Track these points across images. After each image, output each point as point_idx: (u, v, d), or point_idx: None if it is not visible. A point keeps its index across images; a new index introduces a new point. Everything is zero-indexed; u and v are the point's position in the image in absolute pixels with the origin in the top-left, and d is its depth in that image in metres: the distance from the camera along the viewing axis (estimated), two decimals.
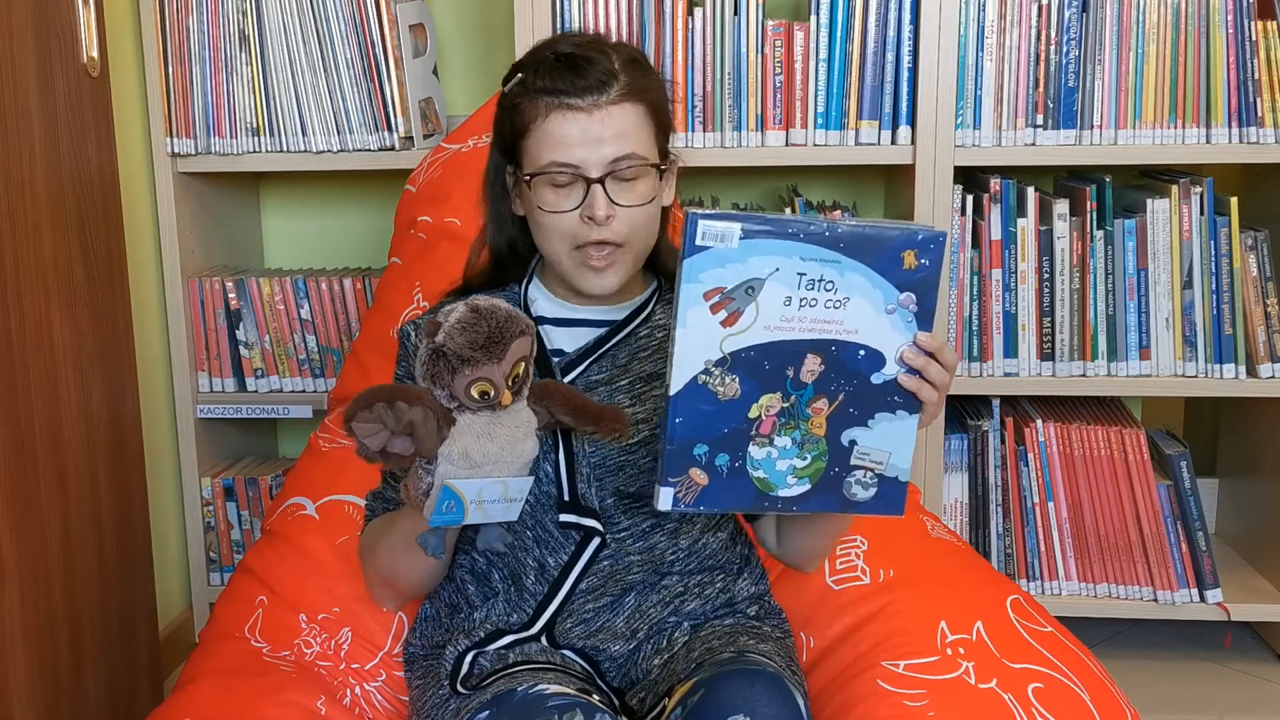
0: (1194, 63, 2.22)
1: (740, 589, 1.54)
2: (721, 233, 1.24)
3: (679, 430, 1.28)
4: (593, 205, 1.41)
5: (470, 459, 1.31)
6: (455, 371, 1.29)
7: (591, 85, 1.40)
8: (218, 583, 2.55)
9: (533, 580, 1.47)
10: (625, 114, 1.42)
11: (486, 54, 2.63)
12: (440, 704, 1.45)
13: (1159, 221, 2.26)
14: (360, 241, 2.70)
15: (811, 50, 2.25)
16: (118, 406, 1.97)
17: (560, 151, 1.41)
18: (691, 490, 1.30)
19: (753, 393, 1.28)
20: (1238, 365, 2.28)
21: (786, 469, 1.31)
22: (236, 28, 2.35)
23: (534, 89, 1.42)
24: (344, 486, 1.87)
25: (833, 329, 1.27)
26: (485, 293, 1.54)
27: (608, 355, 1.50)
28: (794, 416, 1.29)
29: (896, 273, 1.26)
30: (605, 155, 1.41)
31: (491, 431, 1.32)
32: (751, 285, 1.25)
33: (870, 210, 2.62)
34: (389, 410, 1.27)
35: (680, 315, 1.25)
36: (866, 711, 1.51)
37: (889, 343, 1.28)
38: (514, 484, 1.33)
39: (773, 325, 1.26)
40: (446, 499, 1.30)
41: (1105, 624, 2.47)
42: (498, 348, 1.29)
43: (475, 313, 1.29)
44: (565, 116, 1.41)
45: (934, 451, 2.31)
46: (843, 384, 1.29)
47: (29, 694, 1.71)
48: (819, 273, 1.25)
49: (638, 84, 1.43)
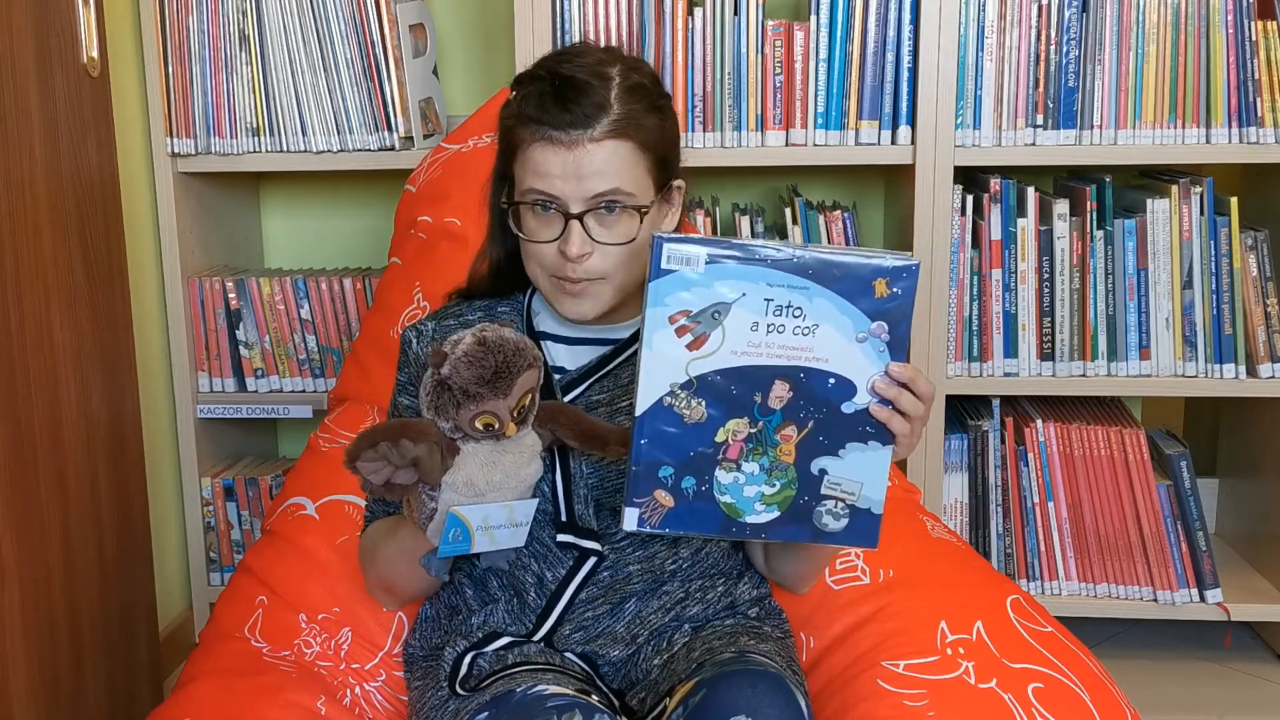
0: (1194, 63, 2.22)
1: (742, 592, 1.54)
2: (687, 256, 1.23)
3: (644, 451, 1.27)
4: (568, 242, 1.37)
5: (474, 487, 1.30)
6: (460, 405, 1.28)
7: (576, 120, 1.35)
8: (218, 583, 2.55)
9: (533, 595, 1.47)
10: (610, 151, 1.36)
11: (486, 54, 2.63)
12: (439, 705, 1.44)
13: (1159, 221, 2.26)
14: (360, 241, 2.70)
15: (811, 50, 2.25)
16: (118, 406, 1.97)
17: (540, 181, 1.37)
18: (657, 512, 1.29)
19: (720, 417, 1.27)
20: (1238, 365, 2.28)
21: (754, 495, 1.30)
22: (236, 28, 2.35)
23: (522, 114, 1.39)
24: (344, 486, 1.86)
25: (801, 356, 1.26)
26: (489, 304, 1.53)
27: (610, 375, 1.48)
28: (762, 443, 1.28)
29: (867, 301, 1.25)
30: (586, 191, 1.36)
31: (496, 459, 1.31)
32: (718, 309, 1.24)
33: (870, 210, 2.62)
34: (393, 449, 1.26)
35: (646, 338, 1.25)
36: (866, 711, 1.51)
37: (860, 372, 1.27)
38: (520, 507, 1.32)
39: (740, 350, 1.25)
40: (453, 528, 1.29)
41: (1105, 624, 2.47)
42: (504, 383, 1.27)
43: (482, 346, 1.27)
44: (545, 149, 1.36)
45: (934, 451, 2.31)
46: (812, 412, 1.27)
47: (29, 694, 1.71)
48: (787, 299, 1.24)
49: (631, 118, 1.37)
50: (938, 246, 2.25)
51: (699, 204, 2.43)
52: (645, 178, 1.40)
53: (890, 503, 1.31)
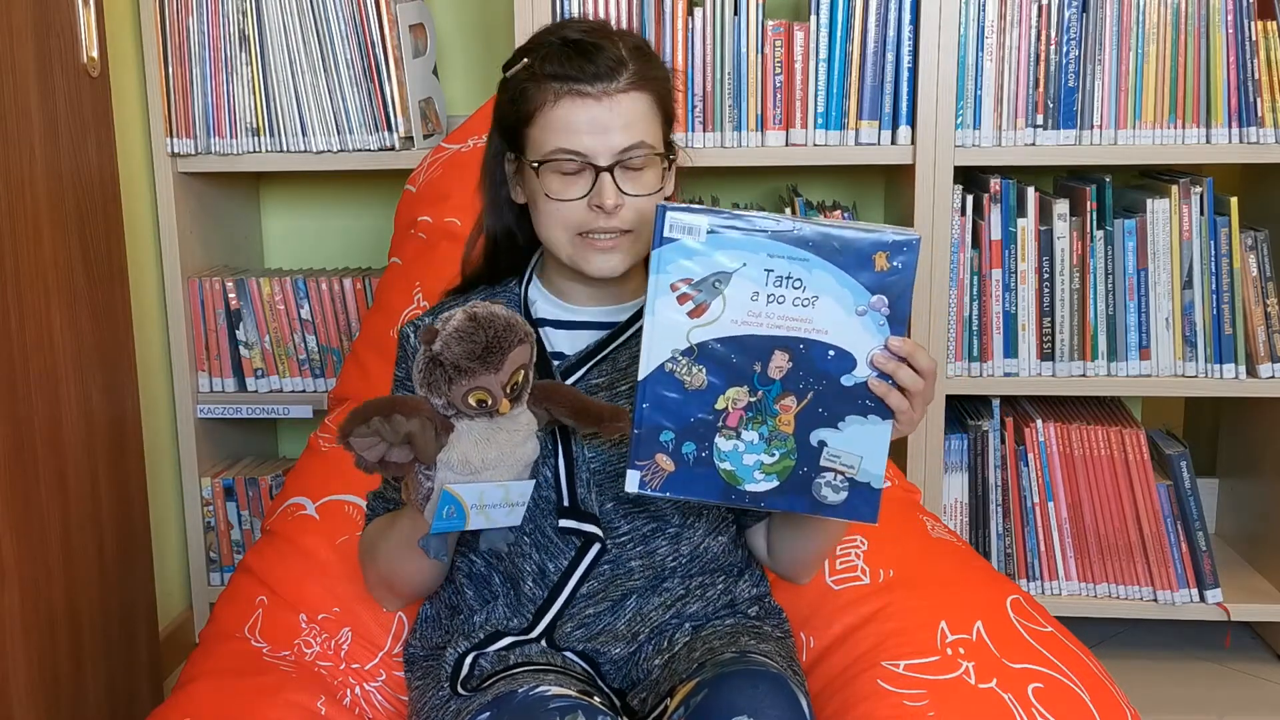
0: (1194, 63, 2.22)
1: (741, 590, 1.54)
2: (689, 225, 1.26)
3: (646, 415, 1.30)
4: (601, 194, 1.39)
5: (470, 464, 1.30)
6: (452, 381, 1.28)
7: (601, 72, 1.38)
8: (218, 583, 2.55)
9: (531, 584, 1.47)
10: (634, 102, 1.40)
11: (486, 54, 2.63)
12: (440, 705, 1.44)
13: (1159, 221, 2.26)
14: (360, 241, 2.70)
15: (811, 50, 2.25)
16: (118, 406, 1.97)
17: (568, 139, 1.39)
18: (658, 475, 1.31)
19: (720, 385, 1.29)
20: (1238, 365, 2.28)
21: (753, 464, 1.31)
22: (236, 28, 2.35)
23: (542, 74, 1.40)
24: (344, 486, 1.87)
25: (801, 327, 1.27)
26: (484, 293, 1.54)
27: (608, 359, 1.49)
28: (761, 412, 1.29)
29: (868, 274, 1.26)
30: (614, 144, 1.39)
31: (491, 436, 1.31)
32: (719, 278, 1.26)
33: (870, 210, 2.62)
34: (385, 423, 1.26)
35: (650, 304, 1.28)
36: (866, 711, 1.51)
37: (860, 345, 1.28)
38: (515, 487, 1.33)
39: (740, 319, 1.27)
40: (447, 504, 1.29)
41: (1105, 624, 2.47)
42: (495, 357, 1.28)
43: (473, 321, 1.28)
44: (575, 103, 1.39)
45: (934, 451, 2.31)
46: (811, 383, 1.28)
47: (29, 694, 1.71)
48: (787, 270, 1.26)
49: (645, 72, 1.41)
50: (938, 246, 2.25)
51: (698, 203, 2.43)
52: (659, 131, 1.44)
53: (890, 503, 1.31)
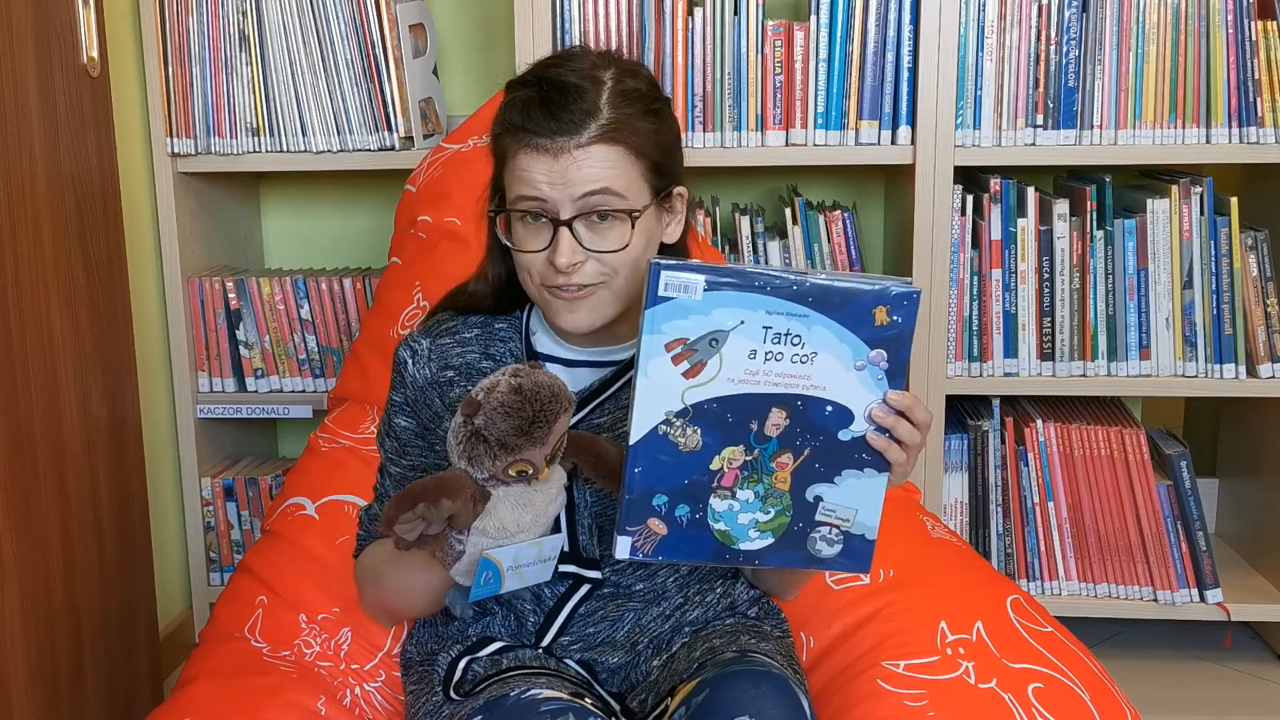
0: (1194, 63, 2.22)
1: (740, 593, 1.54)
2: (685, 284, 1.21)
3: (638, 480, 1.25)
4: (557, 250, 1.33)
5: (506, 530, 1.28)
6: (496, 457, 1.25)
7: (562, 127, 1.31)
8: (218, 583, 2.55)
9: (530, 609, 1.46)
10: (599, 156, 1.32)
11: (486, 54, 2.63)
12: (434, 710, 1.43)
13: (1159, 221, 2.26)
14: (360, 241, 2.70)
15: (811, 50, 2.25)
16: (118, 407, 1.97)
17: (527, 188, 1.33)
18: (650, 540, 1.28)
19: (715, 445, 1.25)
20: (1238, 365, 2.28)
21: (749, 522, 1.28)
22: (236, 28, 2.35)
23: (508, 122, 1.35)
24: (344, 486, 1.87)
25: (799, 384, 1.24)
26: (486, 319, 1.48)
27: (611, 399, 1.44)
28: (757, 470, 1.26)
29: (867, 329, 1.23)
30: (573, 194, 1.32)
31: (528, 500, 1.29)
32: (715, 337, 1.22)
33: (870, 210, 2.62)
34: (432, 508, 1.23)
35: (642, 365, 1.22)
36: (866, 711, 1.51)
37: (857, 399, 1.25)
38: (548, 543, 1.31)
39: (737, 378, 1.23)
40: (485, 570, 1.26)
41: (1105, 624, 2.47)
42: (541, 431, 1.25)
43: (518, 395, 1.24)
44: (531, 156, 1.32)
45: (934, 451, 2.31)
46: (808, 439, 1.25)
47: (29, 694, 1.71)
48: (785, 326, 1.22)
49: (622, 122, 1.32)
50: (938, 246, 2.25)
51: (699, 204, 2.43)
52: (640, 183, 1.35)
53: (890, 503, 1.31)
